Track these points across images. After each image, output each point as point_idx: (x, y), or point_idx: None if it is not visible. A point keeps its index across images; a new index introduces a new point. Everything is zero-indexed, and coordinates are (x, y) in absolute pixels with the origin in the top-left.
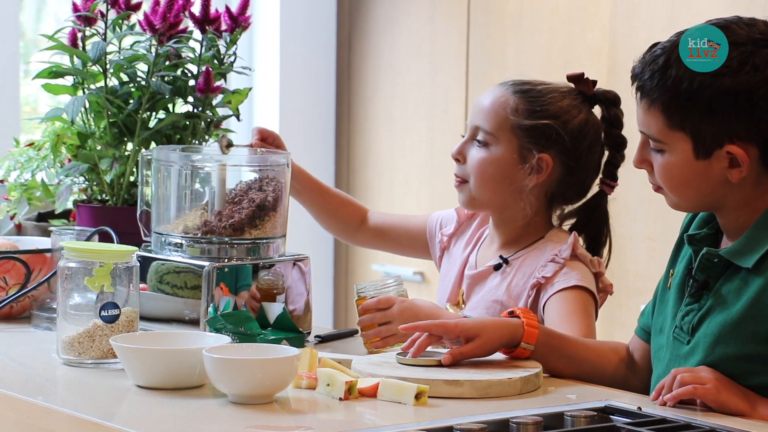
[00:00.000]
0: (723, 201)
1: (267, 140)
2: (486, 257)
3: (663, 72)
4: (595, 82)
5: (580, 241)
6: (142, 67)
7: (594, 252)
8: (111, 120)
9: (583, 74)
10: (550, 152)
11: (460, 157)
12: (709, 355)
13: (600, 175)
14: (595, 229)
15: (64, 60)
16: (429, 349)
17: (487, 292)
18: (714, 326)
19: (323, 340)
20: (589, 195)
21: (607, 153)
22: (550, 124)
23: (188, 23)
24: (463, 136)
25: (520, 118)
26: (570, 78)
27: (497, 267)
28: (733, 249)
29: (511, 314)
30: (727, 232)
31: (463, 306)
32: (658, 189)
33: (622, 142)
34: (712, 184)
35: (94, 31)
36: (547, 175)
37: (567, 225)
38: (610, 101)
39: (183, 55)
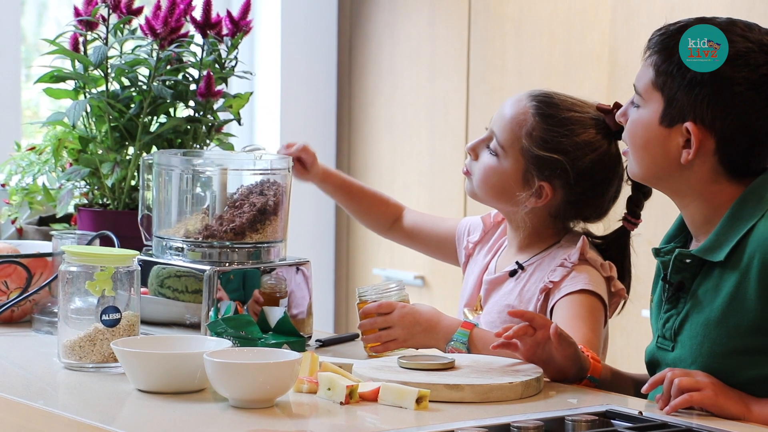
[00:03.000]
0: (676, 183)
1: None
2: (504, 263)
3: (672, 35)
4: None
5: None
6: (143, 72)
7: None
8: (112, 124)
9: (612, 108)
10: (553, 183)
11: (472, 154)
12: (698, 357)
13: (624, 211)
14: (613, 262)
15: (66, 64)
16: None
17: (502, 296)
18: (697, 327)
19: (324, 344)
20: (613, 228)
21: (631, 191)
22: (558, 159)
23: (189, 27)
24: (487, 128)
25: (530, 144)
26: (599, 109)
27: (513, 273)
28: (704, 247)
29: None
30: (693, 229)
31: (480, 311)
32: (625, 152)
33: None
34: (668, 159)
35: (96, 36)
36: (546, 201)
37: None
38: None
39: (184, 59)
